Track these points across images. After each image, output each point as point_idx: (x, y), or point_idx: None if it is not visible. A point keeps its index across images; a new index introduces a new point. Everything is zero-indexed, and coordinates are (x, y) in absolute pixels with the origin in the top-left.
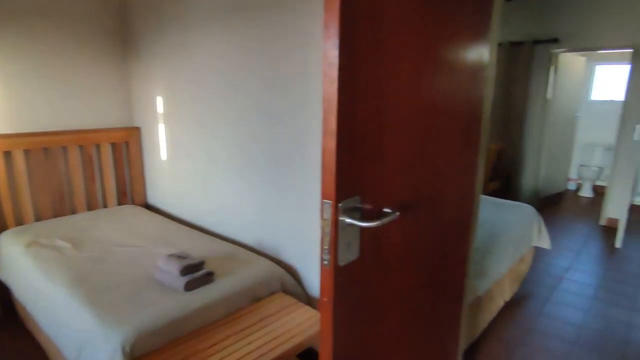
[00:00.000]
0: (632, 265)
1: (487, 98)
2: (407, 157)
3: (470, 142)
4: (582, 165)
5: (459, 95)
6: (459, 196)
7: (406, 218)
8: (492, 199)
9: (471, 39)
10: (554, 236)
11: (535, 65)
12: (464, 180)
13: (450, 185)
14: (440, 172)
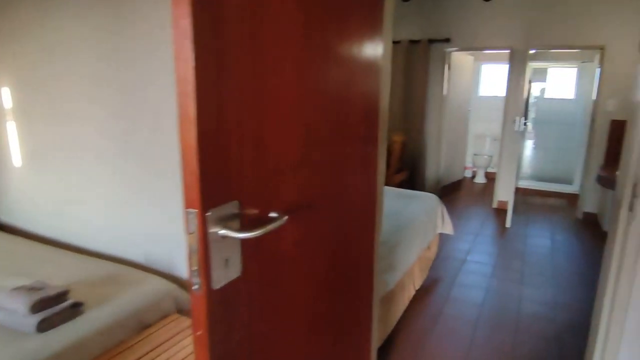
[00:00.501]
0: (519, 242)
1: (384, 92)
2: (297, 154)
3: (369, 136)
4: (476, 154)
5: (354, 89)
6: (360, 191)
7: (300, 220)
8: (398, 191)
9: (363, 34)
10: (456, 222)
11: (431, 63)
12: (365, 175)
13: (350, 181)
14: (338, 168)
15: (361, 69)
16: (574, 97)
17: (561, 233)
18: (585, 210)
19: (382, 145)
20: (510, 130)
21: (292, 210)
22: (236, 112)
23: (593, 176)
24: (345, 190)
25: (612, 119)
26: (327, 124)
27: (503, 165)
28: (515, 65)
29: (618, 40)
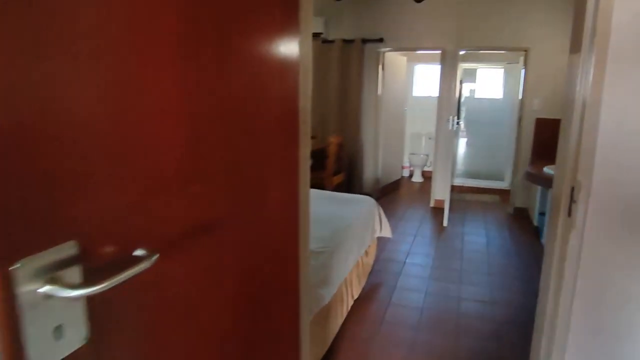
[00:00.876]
0: (456, 240)
1: (304, 92)
2: (183, 167)
3: (287, 140)
4: (412, 154)
5: (264, 90)
6: (279, 202)
7: (191, 250)
8: (333, 194)
9: (274, 31)
10: (395, 223)
11: (366, 62)
12: (283, 183)
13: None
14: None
15: (273, 68)
16: (501, 96)
17: (495, 229)
18: (516, 206)
19: (304, 149)
20: (444, 129)
21: (175, 240)
22: (70, 111)
23: (522, 172)
24: (257, 204)
25: (538, 117)
26: (229, 130)
27: (438, 164)
28: (446, 65)
29: (541, 43)
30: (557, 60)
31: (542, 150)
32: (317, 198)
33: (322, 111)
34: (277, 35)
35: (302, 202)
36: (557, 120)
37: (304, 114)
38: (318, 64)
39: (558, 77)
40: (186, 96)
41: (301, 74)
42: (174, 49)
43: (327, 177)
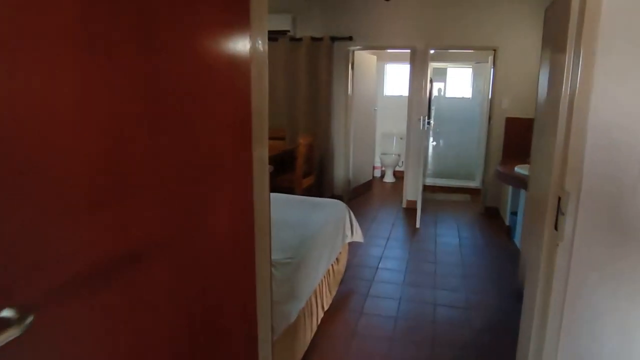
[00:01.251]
0: (430, 242)
1: (258, 93)
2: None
3: (237, 144)
4: (383, 154)
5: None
6: (226, 216)
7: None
8: (301, 199)
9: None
10: (367, 226)
11: (335, 61)
12: (233, 195)
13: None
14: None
15: (217, 66)
16: (470, 96)
17: (468, 229)
18: (487, 205)
19: (260, 151)
20: (415, 129)
21: (82, 280)
22: None
23: (493, 172)
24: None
25: (507, 116)
26: (160, 135)
27: (410, 165)
28: (416, 65)
29: (509, 43)
30: (525, 59)
31: (513, 149)
32: (284, 203)
33: (291, 111)
34: (220, 30)
35: (259, 211)
36: (527, 120)
37: (258, 114)
38: (286, 63)
39: (526, 77)
40: (95, 96)
41: (254, 73)
42: (75, 40)
43: (297, 180)
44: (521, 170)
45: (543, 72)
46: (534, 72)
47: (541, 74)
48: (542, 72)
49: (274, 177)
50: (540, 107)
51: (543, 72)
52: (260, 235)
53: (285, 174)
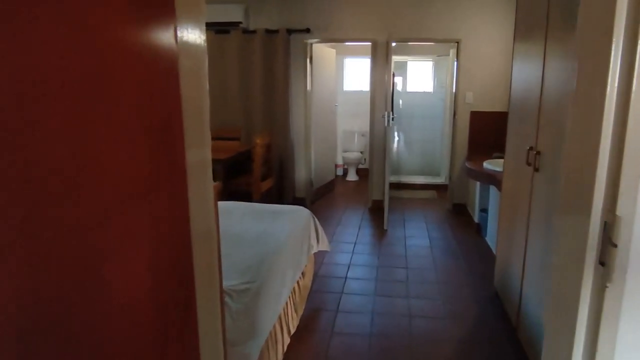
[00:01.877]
0: (399, 245)
1: (195, 90)
2: None
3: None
4: (346, 152)
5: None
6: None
7: None
8: (260, 207)
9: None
10: (332, 230)
11: (292, 55)
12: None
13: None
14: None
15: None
16: (432, 90)
17: (437, 229)
18: (455, 202)
19: (199, 156)
20: (379, 125)
21: None
22: None
23: (459, 167)
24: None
25: (472, 110)
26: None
27: (374, 163)
28: (377, 58)
29: (472, 35)
30: (489, 51)
31: (478, 143)
32: (240, 213)
33: (246, 109)
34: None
35: (199, 230)
36: (492, 113)
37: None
38: (240, 57)
39: (491, 69)
40: None
41: (186, 67)
42: None
43: (255, 183)
44: (490, 165)
45: (518, 63)
46: (500, 64)
47: (515, 66)
48: (518, 64)
49: (229, 182)
50: (517, 101)
51: (519, 64)
52: (203, 260)
53: (242, 177)
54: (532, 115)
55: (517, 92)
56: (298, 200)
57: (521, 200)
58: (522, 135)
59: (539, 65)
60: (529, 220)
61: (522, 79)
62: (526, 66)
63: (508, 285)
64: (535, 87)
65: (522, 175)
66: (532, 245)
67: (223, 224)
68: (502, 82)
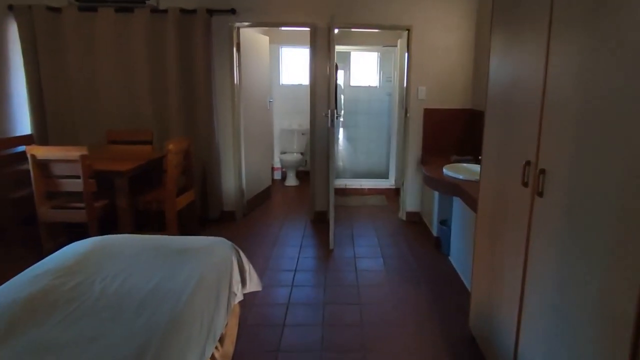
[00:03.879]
0: (348, 271)
1: None
2: None
3: None
4: (284, 153)
5: None
6: None
7: None
8: (161, 244)
9: None
10: (267, 253)
11: (215, 41)
12: None
13: None
14: None
15: None
16: (377, 84)
17: (391, 244)
18: (408, 210)
19: None
20: (320, 123)
21: None
22: None
23: (412, 171)
24: None
25: (426, 107)
26: None
27: (317, 167)
28: (318, 47)
29: (425, 22)
30: (443, 41)
31: (433, 144)
32: (129, 255)
33: (158, 107)
34: None
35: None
36: (449, 111)
37: None
38: (148, 43)
39: (446, 61)
40: None
41: None
42: None
43: (168, 200)
44: (451, 172)
45: (500, 55)
46: (457, 55)
47: (495, 58)
48: (498, 55)
49: (137, 199)
50: (499, 100)
51: (500, 55)
52: None
53: (152, 192)
54: (528, 119)
55: (499, 88)
56: (227, 214)
57: (512, 231)
58: (511, 145)
59: (539, 58)
60: (526, 258)
61: (507, 73)
62: (514, 58)
63: (493, 334)
64: (532, 85)
65: (514, 199)
66: (534, 293)
67: (98, 278)
68: (461, 75)
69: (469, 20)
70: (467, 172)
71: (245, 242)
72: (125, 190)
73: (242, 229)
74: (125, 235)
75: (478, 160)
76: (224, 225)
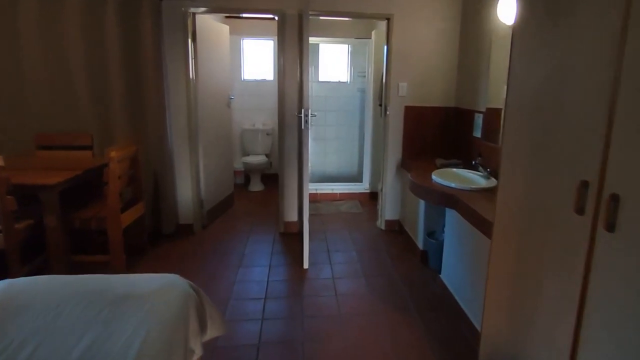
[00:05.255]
0: (327, 296)
1: None
2: None
3: None
4: (247, 155)
5: None
6: None
7: None
8: (90, 290)
9: None
10: (231, 280)
11: (166, 30)
12: None
13: None
14: None
15: None
16: (348, 80)
17: (372, 260)
18: (387, 218)
19: None
20: (290, 122)
21: None
22: None
23: (391, 175)
24: None
25: (407, 105)
26: None
27: (287, 173)
28: (286, 37)
29: (407, 11)
30: (427, 32)
31: (415, 145)
32: (46, 306)
33: (99, 106)
34: None
35: None
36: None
37: None
38: (84, 31)
39: (431, 54)
40: None
41: None
42: None
43: (111, 216)
44: (441, 179)
45: (530, 41)
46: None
47: (518, 46)
48: (525, 43)
49: (72, 216)
50: (528, 98)
51: (530, 42)
52: None
53: (91, 208)
54: (585, 125)
55: (529, 84)
56: (183, 228)
57: (555, 270)
58: (553, 158)
59: (607, 41)
60: (581, 313)
61: (543, 64)
62: (558, 44)
63: None
64: (594, 79)
65: (560, 228)
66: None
67: None
68: (445, 70)
69: (453, 9)
70: (459, 180)
71: (204, 262)
72: (55, 207)
73: (201, 245)
74: (41, 278)
75: (468, 165)
76: (180, 241)
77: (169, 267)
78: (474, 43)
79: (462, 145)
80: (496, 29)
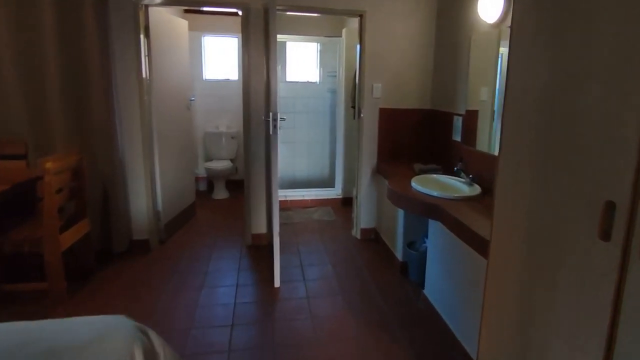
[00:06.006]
0: (302, 320)
1: None
2: None
3: None
4: (210, 160)
5: None
6: None
7: None
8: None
9: None
10: (195, 302)
11: (115, 23)
12: None
13: None
14: None
15: None
16: (318, 80)
17: (350, 274)
18: (363, 226)
19: None
20: (255, 125)
21: None
22: None
23: (366, 181)
24: None
25: (382, 107)
26: None
27: (253, 180)
28: (251, 33)
29: (381, 6)
30: (402, 30)
31: (391, 149)
32: None
33: (35, 110)
34: None
35: None
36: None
37: None
38: (19, 25)
39: (406, 53)
40: None
41: None
42: None
43: (47, 238)
44: (421, 186)
45: (535, 38)
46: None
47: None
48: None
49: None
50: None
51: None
52: None
53: (24, 228)
54: (610, 136)
55: (536, 86)
56: (138, 244)
57: (573, 303)
58: (569, 173)
59: None
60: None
61: (553, 64)
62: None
63: None
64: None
65: (579, 255)
66: None
67: None
68: (423, 71)
69: (429, 4)
70: (441, 187)
71: (161, 284)
72: None
73: (158, 263)
74: None
75: (448, 171)
76: (134, 260)
77: (118, 294)
78: (452, 41)
79: (440, 150)
80: (477, 26)
